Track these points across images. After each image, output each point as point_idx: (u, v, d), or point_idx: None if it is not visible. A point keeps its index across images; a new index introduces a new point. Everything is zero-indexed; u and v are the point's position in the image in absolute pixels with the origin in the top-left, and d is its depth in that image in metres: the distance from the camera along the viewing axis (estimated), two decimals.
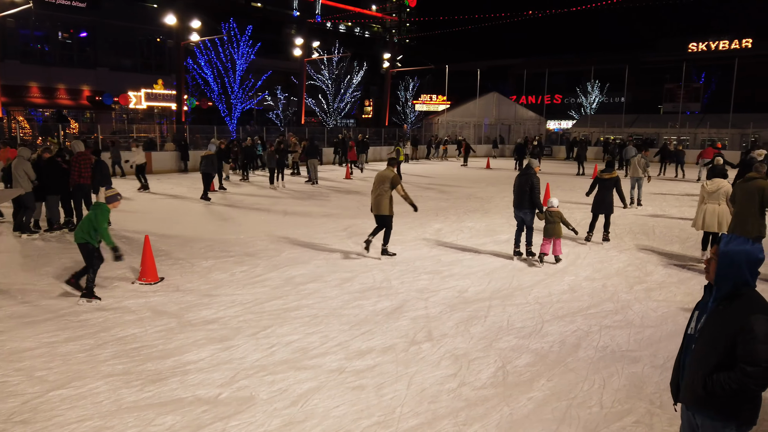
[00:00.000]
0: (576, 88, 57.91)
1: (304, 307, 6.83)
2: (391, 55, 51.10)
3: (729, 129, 39.02)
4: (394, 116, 55.49)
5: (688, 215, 14.12)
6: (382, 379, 4.92)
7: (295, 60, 44.91)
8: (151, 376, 4.93)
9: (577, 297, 7.39)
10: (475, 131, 45.57)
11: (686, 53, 54.53)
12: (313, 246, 10.20)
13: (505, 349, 5.65)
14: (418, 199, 16.56)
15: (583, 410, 4.45)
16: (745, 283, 2.72)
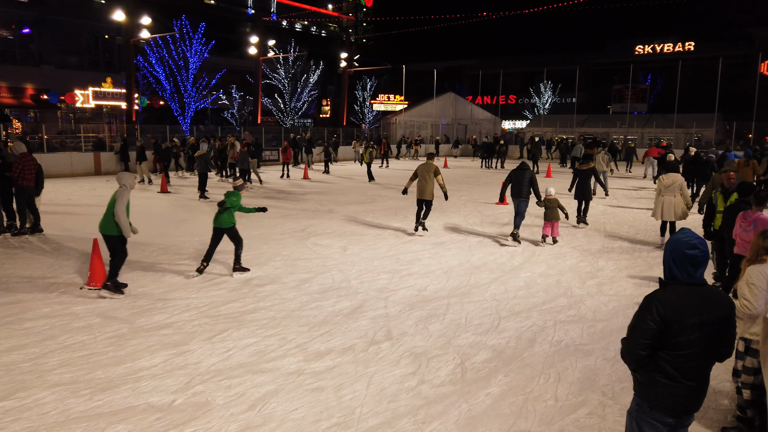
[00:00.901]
0: (529, 89, 59.22)
1: (262, 310, 6.73)
2: (348, 54, 50.96)
3: (674, 129, 40.69)
4: (352, 116, 55.40)
5: (637, 210, 14.63)
6: (341, 380, 4.90)
7: (250, 58, 44.27)
8: (101, 384, 4.75)
9: (532, 293, 7.55)
10: (433, 131, 45.97)
11: (633, 55, 56.53)
12: (271, 247, 10.07)
13: (463, 346, 5.72)
14: (377, 199, 16.60)
15: (539, 404, 4.54)
16: (671, 276, 2.83)
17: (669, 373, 2.77)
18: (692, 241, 2.78)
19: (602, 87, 56.04)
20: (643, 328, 2.76)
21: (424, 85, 58.12)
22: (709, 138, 37.42)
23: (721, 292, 2.89)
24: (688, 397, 2.80)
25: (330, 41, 64.92)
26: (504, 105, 60.50)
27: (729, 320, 2.80)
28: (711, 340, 2.76)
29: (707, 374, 2.84)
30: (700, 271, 2.80)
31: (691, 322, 2.71)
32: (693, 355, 2.74)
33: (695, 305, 2.74)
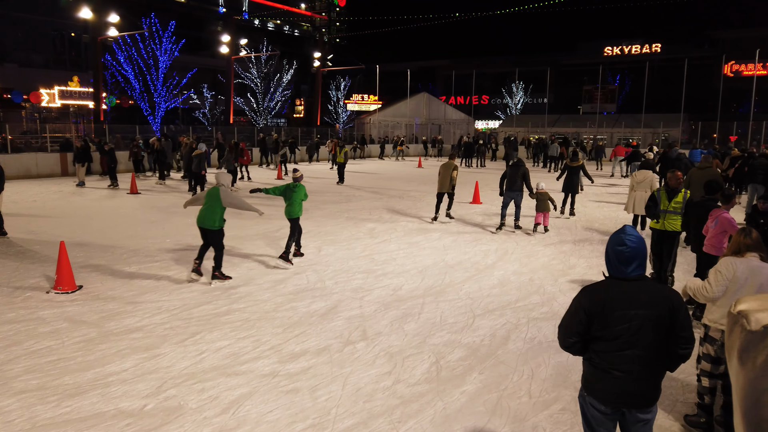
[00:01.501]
0: (502, 89, 59.88)
1: (235, 312, 6.65)
2: (322, 54, 50.83)
3: (642, 129, 41.61)
4: (326, 115, 55.21)
5: (607, 209, 14.91)
6: (316, 381, 4.87)
7: (221, 57, 43.76)
8: (69, 390, 4.63)
9: (506, 291, 7.62)
10: (407, 131, 46.11)
11: (602, 57, 57.66)
12: (245, 248, 9.96)
13: (438, 344, 5.74)
14: (351, 199, 16.57)
15: (513, 401, 4.59)
16: (608, 271, 2.97)
17: (598, 363, 2.91)
18: (620, 238, 2.90)
19: (572, 87, 57.03)
20: (571, 317, 2.94)
21: (397, 85, 58.29)
22: (675, 137, 38.36)
23: (663, 288, 2.93)
24: (618, 387, 2.86)
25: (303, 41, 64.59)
26: (477, 105, 61.08)
27: (671, 317, 2.82)
28: (644, 335, 2.81)
29: (648, 369, 2.86)
30: (632, 267, 2.87)
31: (616, 315, 2.81)
32: (619, 347, 2.83)
33: (622, 299, 2.83)
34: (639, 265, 2.89)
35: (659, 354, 2.86)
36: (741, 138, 36.96)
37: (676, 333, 2.83)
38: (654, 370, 2.88)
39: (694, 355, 5.17)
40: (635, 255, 2.87)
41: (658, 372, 2.91)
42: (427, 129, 46.97)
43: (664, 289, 2.93)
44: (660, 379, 2.94)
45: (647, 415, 2.93)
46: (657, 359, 2.87)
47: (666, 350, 2.87)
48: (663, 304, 2.83)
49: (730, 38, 51.76)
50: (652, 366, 2.86)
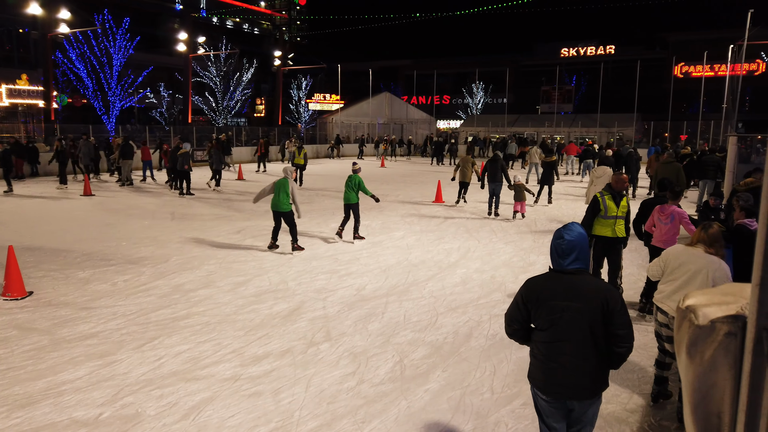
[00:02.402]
0: (462, 89, 60.52)
1: (195, 315, 6.50)
2: (282, 53, 50.30)
3: (597, 128, 42.75)
4: (288, 115, 54.67)
5: (565, 206, 15.25)
6: (279, 384, 4.81)
7: (179, 56, 42.72)
8: (20, 400, 4.44)
9: (468, 289, 7.70)
10: (369, 130, 46.09)
11: (559, 58, 58.95)
12: (204, 250, 9.76)
13: (402, 343, 5.75)
14: (314, 200, 16.45)
15: (475, 397, 4.64)
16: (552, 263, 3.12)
17: (537, 353, 3.07)
18: (560, 232, 3.04)
19: (531, 88, 58.07)
20: (512, 305, 3.13)
21: (359, 84, 58.22)
22: (629, 137, 39.58)
23: (600, 284, 2.99)
24: (555, 378, 2.97)
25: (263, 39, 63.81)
26: (438, 105, 61.56)
27: (606, 314, 2.86)
28: (576, 327, 2.89)
29: (583, 362, 2.91)
30: (568, 260, 2.97)
31: (549, 305, 2.94)
32: (553, 337, 2.94)
33: (557, 291, 2.94)
34: (576, 259, 2.97)
35: (596, 348, 2.90)
36: (691, 137, 38.41)
37: (611, 330, 2.88)
38: (590, 363, 2.92)
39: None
40: (572, 248, 2.96)
41: (596, 365, 2.93)
42: (389, 128, 47.05)
43: (601, 285, 2.98)
44: (600, 372, 2.97)
45: (589, 406, 3.01)
46: (593, 353, 2.90)
47: (606, 346, 2.91)
48: (596, 299, 2.87)
49: (679, 41, 53.64)
50: (587, 359, 2.90)
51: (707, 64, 42.11)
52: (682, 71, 50.35)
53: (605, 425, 4.25)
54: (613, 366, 2.99)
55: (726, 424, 0.91)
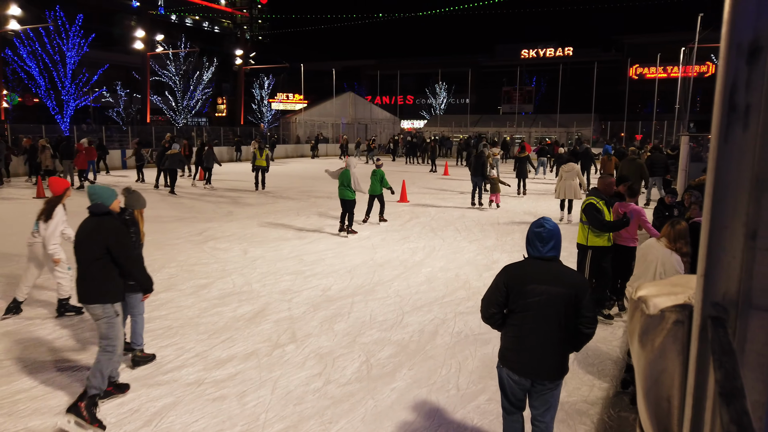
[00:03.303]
0: (426, 90, 60.94)
1: (156, 319, 6.36)
2: (244, 51, 49.62)
3: (557, 128, 43.74)
4: (250, 115, 53.96)
5: (527, 204, 15.54)
6: (244, 387, 4.75)
7: (136, 54, 41.66)
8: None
9: (433, 287, 7.77)
10: (333, 130, 45.94)
11: (519, 59, 59.98)
12: (165, 253, 9.55)
13: (368, 343, 5.76)
14: (278, 200, 16.30)
15: (442, 394, 4.69)
16: (528, 253, 3.33)
17: (513, 336, 3.25)
18: (539, 222, 3.31)
19: (493, 88, 58.94)
20: (492, 290, 3.31)
21: (323, 84, 57.95)
22: (588, 136, 40.61)
23: (573, 272, 3.29)
24: (529, 359, 3.21)
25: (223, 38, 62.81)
26: (402, 105, 61.84)
27: (577, 298, 3.13)
28: (552, 310, 3.13)
29: (556, 344, 3.17)
30: (548, 247, 3.23)
31: (528, 288, 3.16)
32: (530, 320, 3.17)
33: (536, 275, 3.19)
34: (554, 247, 3.24)
35: (567, 332, 3.18)
36: (646, 136, 39.69)
37: (581, 313, 3.15)
38: (561, 346, 3.21)
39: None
40: (551, 236, 3.23)
41: (563, 348, 3.23)
42: (353, 129, 47.01)
43: (574, 273, 3.31)
44: (566, 354, 3.26)
45: (554, 386, 3.27)
46: (562, 336, 3.17)
47: (573, 330, 3.19)
48: (571, 285, 3.16)
49: (634, 43, 55.32)
50: (557, 341, 3.18)
51: (660, 66, 43.59)
52: (637, 73, 51.96)
53: (566, 417, 4.35)
54: (577, 348, 3.28)
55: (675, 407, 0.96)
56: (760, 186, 0.66)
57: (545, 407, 3.31)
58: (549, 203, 15.89)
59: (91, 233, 4.31)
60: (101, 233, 4.27)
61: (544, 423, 3.34)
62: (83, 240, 4.32)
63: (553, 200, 16.06)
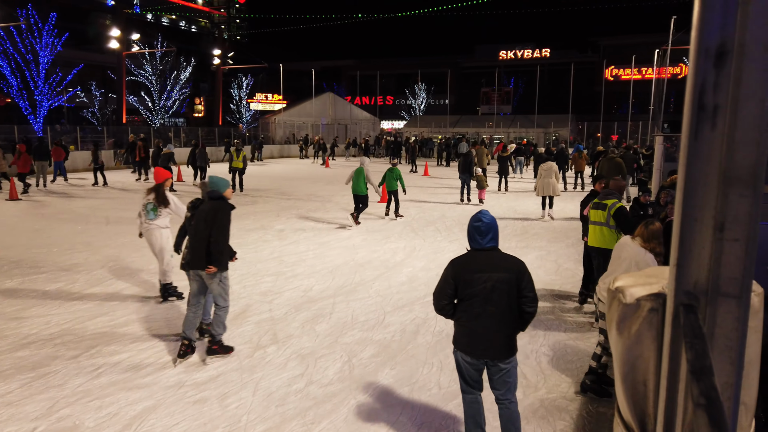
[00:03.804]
0: (405, 90, 61.08)
1: (135, 322, 6.29)
2: (222, 51, 49.21)
3: (535, 128, 44.24)
4: (228, 115, 53.51)
5: (505, 203, 15.69)
6: (225, 389, 4.72)
7: (111, 53, 41.02)
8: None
9: (414, 287, 7.80)
10: (313, 131, 45.81)
11: (498, 60, 60.46)
12: (143, 255, 9.43)
13: (350, 343, 5.77)
14: (257, 201, 16.21)
15: (423, 393, 4.72)
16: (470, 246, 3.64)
17: (464, 322, 3.51)
18: (477, 216, 3.60)
19: (472, 89, 59.31)
20: (441, 283, 3.57)
21: (302, 84, 57.73)
22: (565, 137, 41.14)
23: (512, 257, 3.57)
24: (480, 341, 3.48)
25: (201, 37, 62.15)
26: (382, 105, 61.88)
27: (518, 281, 3.44)
28: (498, 295, 3.42)
29: (503, 326, 3.46)
30: (486, 239, 3.54)
31: (474, 278, 3.44)
32: (479, 305, 3.44)
33: (480, 265, 3.48)
34: (492, 238, 3.56)
35: (512, 313, 3.47)
36: (621, 136, 40.34)
37: (523, 294, 3.46)
38: (509, 327, 3.48)
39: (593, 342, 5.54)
40: (489, 229, 3.54)
41: (513, 329, 3.51)
42: (333, 129, 46.91)
43: (514, 258, 3.58)
44: (514, 335, 3.52)
45: (507, 365, 3.52)
46: (509, 317, 3.46)
47: (518, 311, 3.47)
48: (512, 269, 3.48)
49: (610, 45, 56.17)
50: (507, 323, 3.46)
51: (635, 68, 44.32)
52: (613, 74, 52.76)
53: (546, 414, 4.42)
54: (523, 327, 3.55)
55: (651, 390, 1.01)
56: (727, 181, 0.69)
57: (506, 387, 3.57)
58: (527, 200, 16.08)
59: (209, 213, 5.28)
60: (217, 213, 5.26)
61: (508, 400, 3.60)
62: (203, 219, 5.29)
63: (531, 197, 16.31)
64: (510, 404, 3.60)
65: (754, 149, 0.68)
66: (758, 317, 0.99)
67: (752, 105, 0.67)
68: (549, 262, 9.16)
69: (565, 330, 6.21)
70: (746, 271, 0.71)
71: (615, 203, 6.35)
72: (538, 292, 7.78)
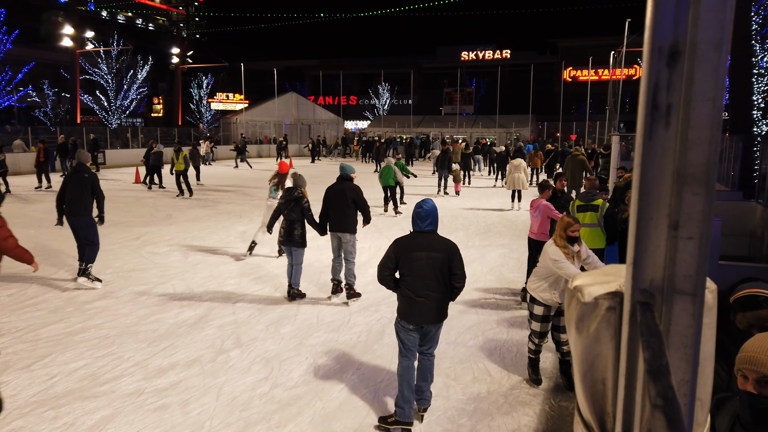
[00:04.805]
0: (369, 90, 61.06)
1: (92, 329, 6.08)
2: (181, 50, 48.15)
3: (497, 128, 44.88)
4: (188, 115, 52.39)
5: (469, 202, 15.87)
6: (188, 395, 4.62)
7: (64, 51, 39.62)
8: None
9: (379, 287, 7.75)
10: (276, 131, 45.31)
11: (460, 61, 61.06)
12: (101, 259, 9.12)
13: (315, 345, 5.73)
14: (219, 202, 15.93)
15: (389, 393, 4.72)
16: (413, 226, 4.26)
17: (406, 294, 4.10)
18: (420, 204, 4.25)
19: (434, 90, 59.70)
20: (385, 258, 4.20)
21: (264, 84, 57.03)
22: (526, 137, 41.88)
23: (446, 239, 4.20)
24: (419, 310, 4.07)
25: (159, 35, 60.70)
26: (346, 105, 61.70)
27: (450, 259, 4.07)
28: (432, 270, 4.03)
29: (437, 296, 4.06)
30: (425, 223, 4.18)
31: (413, 255, 4.07)
32: (419, 278, 4.04)
33: (419, 244, 4.11)
34: (431, 222, 4.19)
35: (444, 285, 4.08)
36: (580, 136, 41.33)
37: (453, 271, 4.08)
38: (439, 297, 4.08)
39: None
40: (428, 215, 4.18)
41: (442, 299, 4.10)
42: (296, 129, 46.51)
43: (446, 240, 4.20)
44: (444, 304, 4.13)
45: (438, 328, 4.26)
46: (441, 289, 4.07)
47: (449, 285, 4.10)
48: (445, 250, 4.10)
49: (567, 46, 57.39)
50: (437, 293, 4.06)
51: (592, 69, 45.47)
52: (571, 75, 53.94)
53: (510, 410, 4.48)
54: (453, 298, 4.19)
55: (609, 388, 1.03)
56: (681, 180, 0.71)
57: (430, 343, 4.29)
58: (491, 200, 16.30)
59: (340, 190, 7.03)
60: (348, 191, 7.00)
61: (430, 353, 4.32)
62: (336, 195, 7.02)
63: (494, 196, 16.58)
64: (431, 357, 4.33)
65: (707, 148, 0.70)
66: (712, 313, 1.02)
67: (704, 104, 0.69)
68: (512, 260, 9.29)
69: (528, 327, 6.31)
70: (700, 268, 0.73)
71: (604, 203, 6.59)
72: (502, 291, 7.91)
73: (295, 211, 7.01)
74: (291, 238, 6.99)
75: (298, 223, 7.01)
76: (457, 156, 21.18)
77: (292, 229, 7.00)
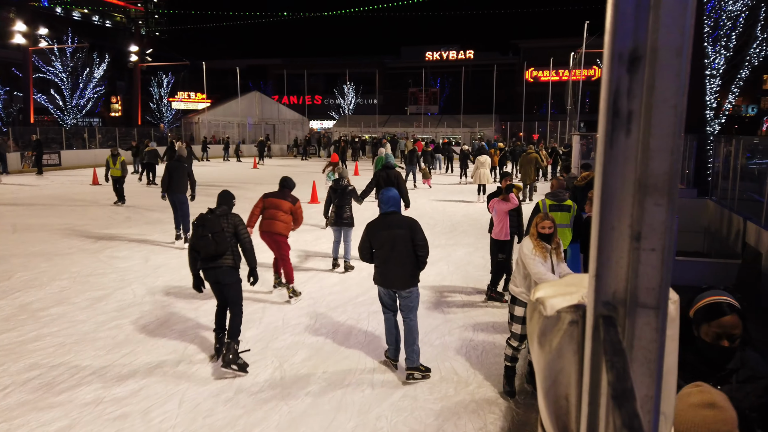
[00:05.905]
0: (334, 90, 60.75)
1: (47, 337, 5.86)
2: (139, 48, 46.93)
3: (461, 128, 45.29)
4: (148, 114, 51.12)
5: (434, 201, 15.96)
6: (149, 403, 4.49)
7: (16, 49, 38.12)
8: None
9: (346, 288, 7.76)
10: (240, 131, 44.64)
11: (424, 61, 61.34)
12: (56, 264, 8.82)
13: (281, 348, 5.65)
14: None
15: (356, 394, 4.69)
16: (380, 209, 5.17)
17: (378, 265, 4.99)
18: (382, 192, 5.18)
19: (399, 89, 59.83)
20: (362, 241, 5.09)
21: (227, 83, 56.13)
22: (489, 136, 42.39)
23: (407, 217, 5.06)
24: (389, 277, 4.91)
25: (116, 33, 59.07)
26: (311, 105, 61.20)
27: (412, 233, 4.89)
28: (398, 244, 4.84)
29: (404, 266, 4.85)
30: (388, 206, 5.03)
31: (381, 233, 4.93)
32: (386, 252, 4.88)
33: (385, 224, 4.96)
34: (392, 205, 5.04)
35: (410, 257, 4.88)
36: (542, 136, 42.08)
37: (416, 243, 4.89)
38: (407, 266, 4.88)
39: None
40: (389, 200, 5.06)
41: (411, 267, 4.90)
42: (260, 129, 45.89)
43: (408, 218, 5.04)
44: (413, 272, 4.90)
45: (409, 293, 4.95)
46: (409, 260, 4.88)
47: (414, 255, 4.89)
48: (406, 226, 4.92)
49: (529, 47, 58.28)
50: (405, 263, 4.87)
51: (553, 70, 46.32)
52: (533, 76, 54.82)
53: (477, 408, 4.51)
54: (420, 267, 4.94)
55: (573, 404, 1.02)
56: (643, 190, 0.70)
57: (408, 309, 4.97)
58: (454, 199, 16.43)
59: (395, 176, 9.65)
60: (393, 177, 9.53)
61: (410, 319, 4.96)
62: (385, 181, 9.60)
63: (457, 195, 16.74)
64: (411, 321, 4.97)
65: (668, 157, 0.69)
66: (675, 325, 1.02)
67: (665, 111, 0.69)
68: (477, 258, 9.37)
69: (494, 326, 6.38)
70: (664, 281, 0.72)
71: (574, 204, 6.87)
72: (467, 290, 7.95)
73: (345, 197, 8.35)
74: (342, 219, 8.32)
75: (347, 207, 8.36)
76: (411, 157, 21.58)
77: (342, 212, 8.33)
